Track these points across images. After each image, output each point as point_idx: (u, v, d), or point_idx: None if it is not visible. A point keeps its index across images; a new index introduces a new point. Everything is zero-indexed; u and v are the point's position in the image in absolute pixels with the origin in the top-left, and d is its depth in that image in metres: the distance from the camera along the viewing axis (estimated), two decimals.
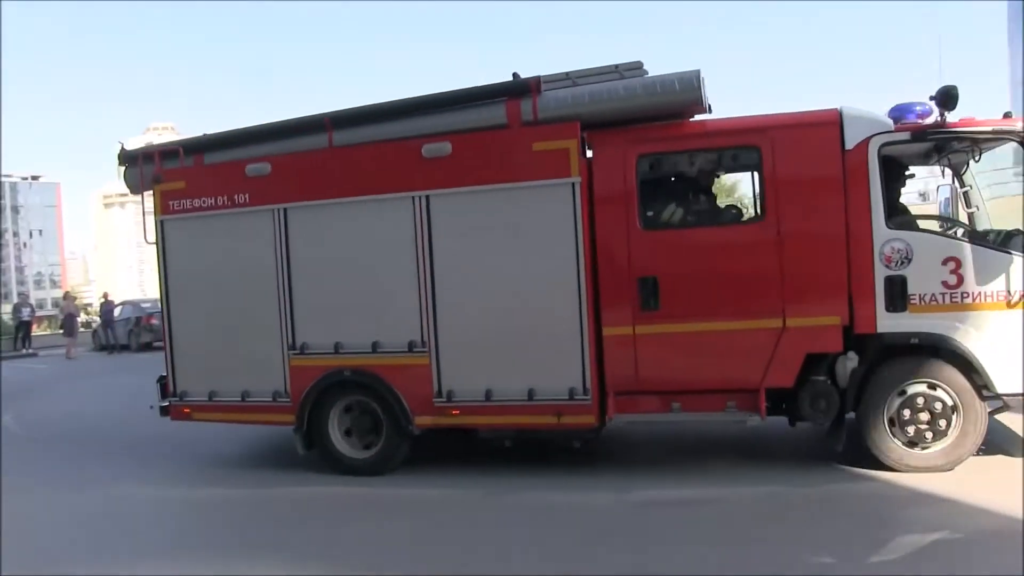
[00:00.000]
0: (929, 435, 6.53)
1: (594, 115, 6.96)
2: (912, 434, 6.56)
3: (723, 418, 6.85)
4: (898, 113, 6.71)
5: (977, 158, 6.66)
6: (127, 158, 8.34)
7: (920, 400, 6.53)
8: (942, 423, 6.49)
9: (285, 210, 7.65)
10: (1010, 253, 6.35)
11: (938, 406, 6.50)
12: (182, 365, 8.12)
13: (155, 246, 8.12)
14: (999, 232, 6.77)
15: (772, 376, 6.70)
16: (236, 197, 7.79)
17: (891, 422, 6.61)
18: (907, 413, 6.56)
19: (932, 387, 6.52)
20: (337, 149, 7.61)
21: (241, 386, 7.86)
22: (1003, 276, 6.34)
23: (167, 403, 8.30)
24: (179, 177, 8.04)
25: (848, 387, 6.65)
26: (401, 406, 7.37)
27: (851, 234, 6.54)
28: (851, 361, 6.64)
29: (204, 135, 8.34)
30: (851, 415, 6.75)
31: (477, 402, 7.20)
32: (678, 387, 6.94)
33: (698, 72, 6.74)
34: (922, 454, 6.57)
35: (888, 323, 6.51)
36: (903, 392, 6.58)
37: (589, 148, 7.05)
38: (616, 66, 7.08)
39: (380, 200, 7.39)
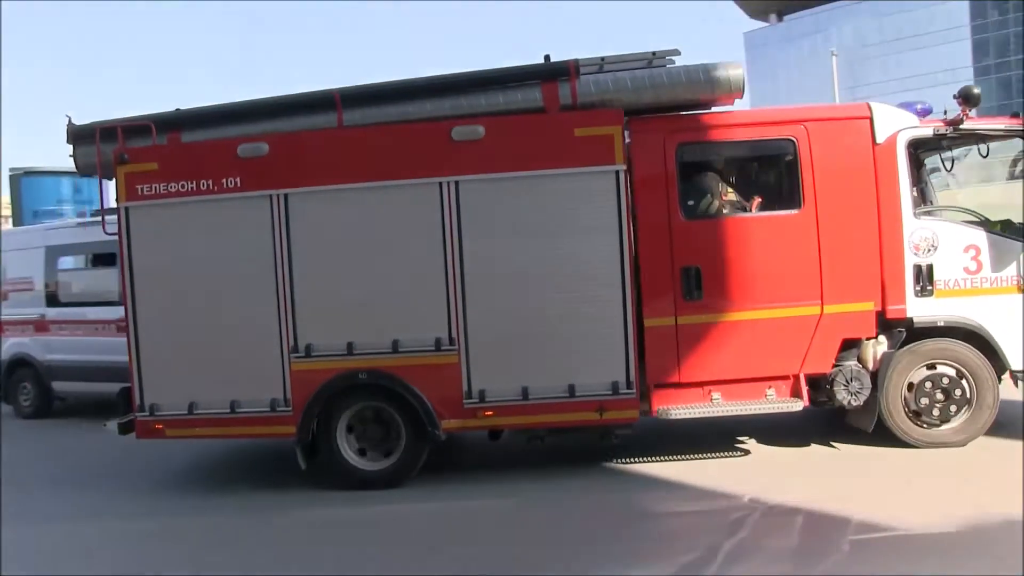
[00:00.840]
0: (944, 412, 6.91)
1: (633, 102, 6.79)
2: (928, 412, 6.91)
3: (768, 407, 6.88)
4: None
5: (985, 153, 7.17)
6: (79, 135, 7.09)
7: (938, 380, 6.89)
8: (956, 403, 6.89)
9: (286, 196, 6.81)
10: (1020, 241, 6.90)
11: (953, 386, 6.89)
12: (152, 375, 6.97)
13: (117, 237, 6.96)
14: (996, 222, 7.34)
15: (811, 362, 6.85)
16: (225, 181, 6.84)
17: (907, 401, 6.94)
18: (925, 392, 6.89)
19: (950, 367, 6.91)
20: (350, 129, 6.92)
21: (230, 395, 6.88)
22: (1015, 262, 6.87)
23: (129, 419, 7.15)
24: (150, 157, 6.93)
25: (880, 370, 6.91)
26: (426, 409, 6.77)
27: (883, 223, 6.83)
28: (881, 345, 6.93)
29: (179, 110, 7.26)
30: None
31: (513, 401, 6.76)
32: (718, 377, 6.91)
33: (740, 64, 6.79)
34: (937, 431, 6.95)
35: (917, 308, 6.86)
36: (922, 372, 6.92)
37: (626, 135, 6.87)
38: (653, 53, 6.94)
39: (402, 186, 6.78)
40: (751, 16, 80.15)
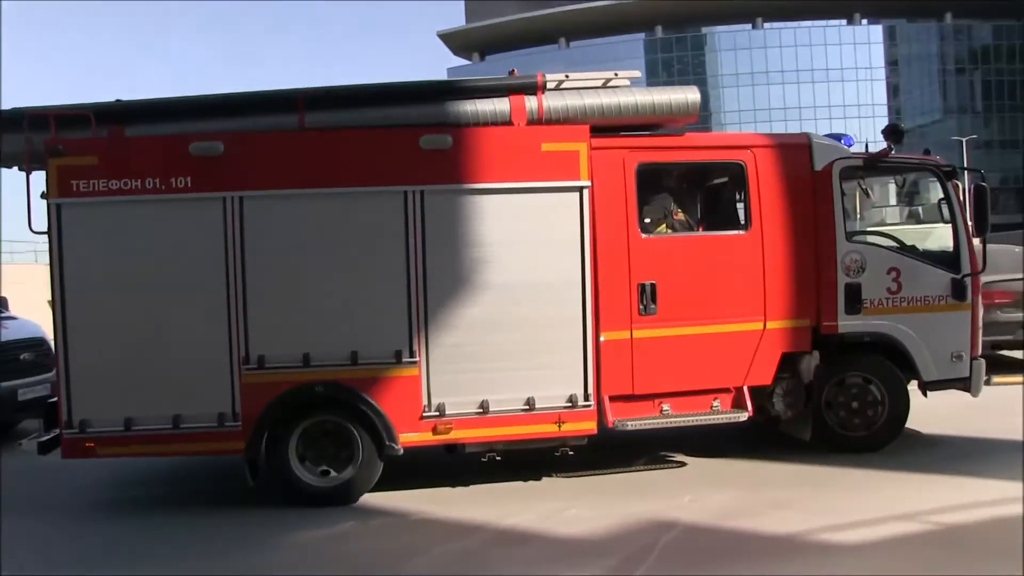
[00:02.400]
0: (863, 420, 7.46)
1: (597, 120, 6.94)
2: (845, 419, 7.45)
3: (715, 418, 7.16)
4: None
5: (903, 183, 7.85)
6: (3, 122, 6.41)
7: (854, 390, 7.45)
8: (871, 410, 7.46)
9: (241, 198, 6.46)
10: (933, 265, 7.58)
11: (868, 395, 7.45)
12: (83, 388, 6.37)
13: (47, 236, 6.34)
14: (910, 246, 8.04)
15: (754, 375, 7.21)
16: (174, 180, 6.40)
17: (828, 407, 7.45)
18: (846, 401, 7.43)
19: (866, 380, 7.48)
20: (312, 132, 6.66)
21: (172, 410, 6.42)
22: (927, 283, 7.53)
23: (51, 436, 6.52)
24: (89, 151, 6.38)
25: (813, 382, 7.39)
26: (384, 423, 6.58)
27: (819, 245, 7.32)
28: (814, 359, 7.41)
29: (120, 101, 6.70)
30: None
31: (472, 415, 6.70)
32: (669, 389, 7.14)
33: (696, 88, 7.10)
34: (855, 436, 7.47)
35: (847, 324, 7.39)
36: (841, 382, 7.46)
37: None
38: (615, 73, 7.12)
39: (365, 193, 6.60)
40: (454, 53, 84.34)
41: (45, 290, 6.51)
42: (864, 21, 75.63)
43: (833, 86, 73.39)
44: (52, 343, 10.00)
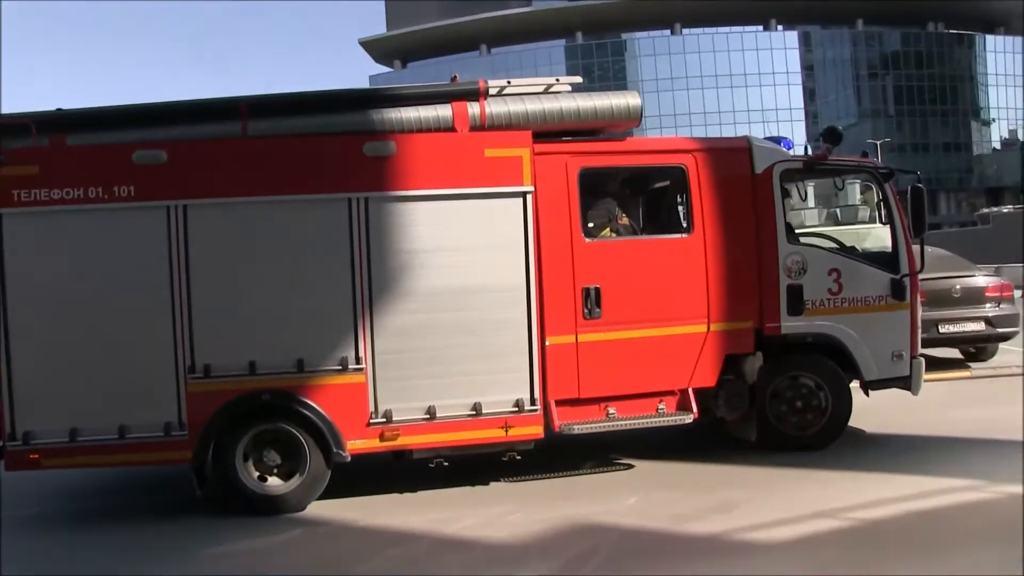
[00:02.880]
0: (803, 420, 7.57)
1: (539, 126, 7.01)
2: (789, 418, 7.56)
3: (660, 420, 7.24)
4: None
5: (841, 185, 8.00)
6: None
7: (798, 390, 7.56)
8: (814, 410, 7.57)
9: (185, 207, 6.47)
10: (872, 265, 7.73)
11: (811, 396, 7.57)
12: (27, 399, 6.33)
13: None
14: (850, 247, 8.19)
15: (698, 377, 7.31)
16: (116, 189, 6.39)
17: (772, 407, 7.54)
18: (786, 401, 7.54)
19: (809, 380, 7.59)
20: (255, 139, 6.68)
21: (118, 420, 6.41)
22: (868, 283, 7.67)
23: None
24: (30, 159, 6.35)
25: (757, 383, 7.50)
26: (332, 430, 6.60)
27: (761, 247, 7.43)
28: (758, 360, 7.52)
29: (61, 110, 6.68)
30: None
31: (419, 420, 6.75)
32: (614, 393, 7.22)
33: (638, 93, 7.21)
34: (798, 435, 7.59)
35: (789, 325, 7.51)
36: (784, 383, 7.56)
37: None
38: (557, 79, 7.21)
39: (308, 200, 6.63)
40: (376, 60, 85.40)
41: None
42: (780, 27, 77.96)
43: (751, 91, 75.19)
44: None
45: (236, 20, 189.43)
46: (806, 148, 7.94)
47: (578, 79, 7.34)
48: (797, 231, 8.24)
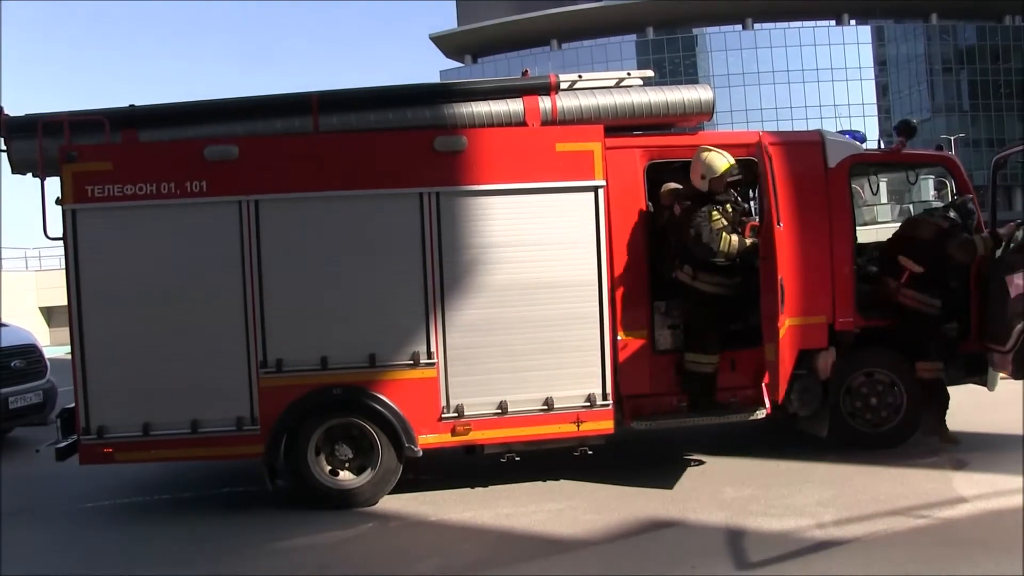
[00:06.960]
0: (877, 416, 7.42)
1: (611, 120, 6.93)
2: (864, 414, 7.42)
3: (734, 414, 7.15)
4: None
5: (914, 179, 7.84)
6: (16, 127, 6.39)
7: (872, 386, 7.41)
8: (889, 406, 7.41)
9: (257, 202, 6.45)
10: None
11: (886, 391, 7.40)
12: (100, 394, 6.38)
13: (63, 243, 6.34)
14: None
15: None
16: (189, 185, 6.39)
17: (845, 403, 7.40)
18: (860, 396, 7.40)
19: (884, 376, 7.42)
20: (327, 135, 6.66)
21: (190, 414, 6.42)
22: None
23: (68, 442, 6.51)
24: (103, 156, 6.37)
25: (830, 379, 7.35)
26: (403, 425, 6.58)
27: (834, 241, 7.27)
28: (831, 355, 7.37)
29: (134, 106, 6.68)
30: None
31: (491, 415, 6.70)
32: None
33: (710, 86, 7.09)
34: (873, 432, 7.45)
35: (860, 320, 7.35)
36: (858, 379, 7.40)
37: None
38: (628, 73, 7.12)
39: (380, 195, 6.59)
40: (447, 55, 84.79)
41: (36, 296, 6.51)
42: (852, 22, 76.71)
43: (823, 86, 74.17)
44: (43, 350, 10.08)
45: (307, 17, 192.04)
46: (879, 143, 7.78)
47: (650, 73, 7.23)
48: (871, 226, 8.09)
